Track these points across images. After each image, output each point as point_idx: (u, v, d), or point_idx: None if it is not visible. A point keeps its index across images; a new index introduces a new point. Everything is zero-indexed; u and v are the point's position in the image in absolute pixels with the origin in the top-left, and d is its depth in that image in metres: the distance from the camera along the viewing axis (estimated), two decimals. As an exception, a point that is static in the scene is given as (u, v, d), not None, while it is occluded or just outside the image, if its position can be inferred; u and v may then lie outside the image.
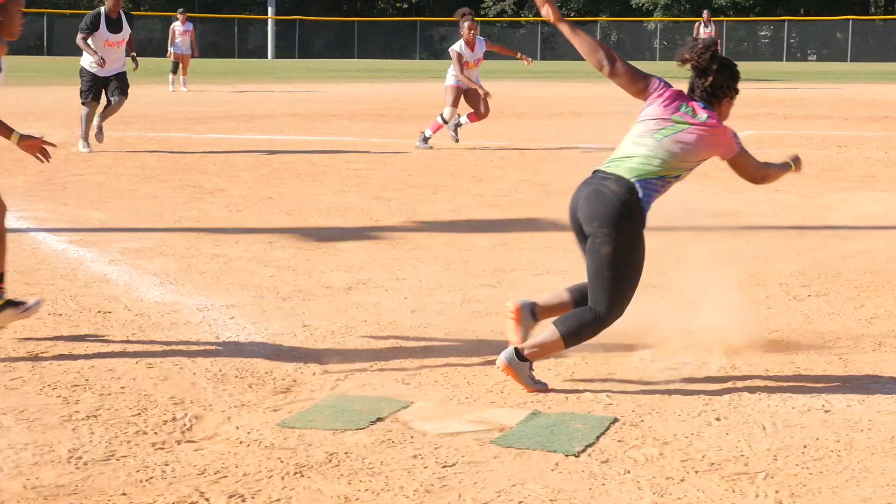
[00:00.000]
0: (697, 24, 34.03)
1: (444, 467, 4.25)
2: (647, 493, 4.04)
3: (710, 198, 11.28)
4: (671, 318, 6.14)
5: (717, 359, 5.68)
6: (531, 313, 5.47)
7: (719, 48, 5.66)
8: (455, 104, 15.77)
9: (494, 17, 75.34)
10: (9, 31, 5.78)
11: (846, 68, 51.24)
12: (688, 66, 5.45)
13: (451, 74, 15.81)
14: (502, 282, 7.50)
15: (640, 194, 5.20)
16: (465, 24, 15.57)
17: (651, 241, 5.35)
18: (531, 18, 68.54)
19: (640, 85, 5.47)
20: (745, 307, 6.65)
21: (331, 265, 7.99)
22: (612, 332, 6.09)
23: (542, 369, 5.44)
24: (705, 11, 35.68)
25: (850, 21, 64.44)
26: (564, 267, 7.77)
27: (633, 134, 5.40)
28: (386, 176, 13.02)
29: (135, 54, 15.61)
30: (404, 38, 73.47)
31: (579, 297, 5.43)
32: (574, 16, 74.31)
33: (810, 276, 7.71)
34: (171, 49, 31.43)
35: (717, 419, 4.83)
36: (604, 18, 72.84)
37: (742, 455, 4.41)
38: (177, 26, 31.56)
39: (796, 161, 5.73)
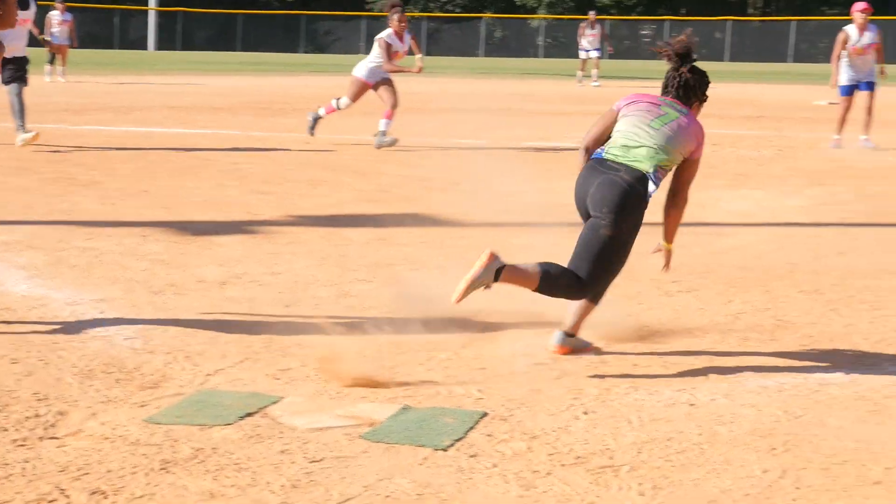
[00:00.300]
0: (583, 24, 34.14)
1: (311, 462, 4.23)
2: (513, 487, 4.07)
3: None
4: (544, 313, 6.20)
5: (588, 353, 5.75)
6: (495, 273, 5.29)
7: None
8: (355, 99, 15.30)
9: (378, 12, 75.18)
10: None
11: (725, 68, 52.08)
12: (665, 59, 5.77)
13: (364, 65, 15.29)
14: (378, 277, 7.50)
15: (650, 184, 5.45)
16: (396, 17, 15.23)
17: (531, 236, 5.40)
18: (416, 14, 68.54)
19: (609, 119, 5.78)
20: (617, 302, 6.72)
21: (205, 259, 7.91)
22: (485, 326, 6.14)
23: (412, 365, 5.46)
24: (591, 12, 35.80)
25: (729, 22, 65.67)
26: (441, 262, 7.80)
27: (628, 125, 5.62)
28: (266, 170, 12.93)
29: (44, 36, 14.77)
30: (289, 32, 72.99)
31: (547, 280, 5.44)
32: (459, 11, 74.58)
33: (682, 272, 7.81)
34: (48, 38, 30.71)
35: (585, 413, 4.89)
36: (488, 15, 73.16)
37: (608, 448, 4.47)
38: (55, 15, 30.78)
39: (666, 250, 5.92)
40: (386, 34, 15.38)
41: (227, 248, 8.31)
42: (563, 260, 5.56)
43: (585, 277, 5.44)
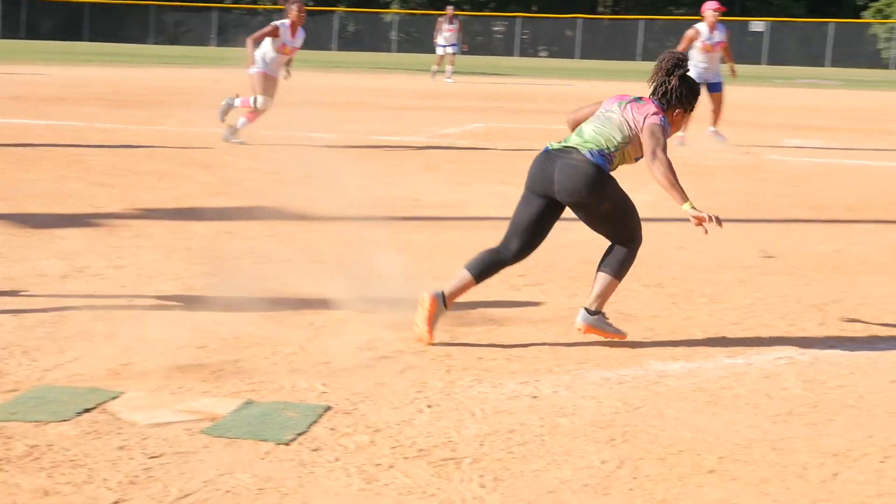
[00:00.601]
0: (441, 19, 34.01)
1: (150, 458, 4.17)
2: (355, 480, 4.06)
3: (435, 188, 11.46)
4: (390, 306, 6.22)
5: (434, 347, 5.77)
6: (443, 302, 5.87)
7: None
8: (267, 92, 14.60)
9: (231, 3, 74.37)
10: None
11: (575, 65, 52.81)
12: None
13: (261, 59, 14.65)
14: (223, 270, 7.41)
15: (601, 162, 5.81)
16: (294, 7, 14.57)
17: (373, 230, 5.39)
18: (268, 6, 67.97)
19: (595, 110, 6.12)
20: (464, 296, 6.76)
21: (46, 252, 7.72)
22: (331, 320, 6.13)
23: (256, 360, 5.42)
24: (449, 7, 35.40)
25: (580, 20, 66.54)
26: (287, 255, 7.75)
27: (593, 118, 6.01)
28: (110, 162, 12.69)
29: None
30: (138, 22, 71.71)
31: (478, 270, 6.02)
32: (312, 5, 74.12)
33: (528, 265, 7.88)
34: None
35: (429, 406, 4.91)
36: (341, 9, 72.90)
37: (450, 441, 4.49)
38: None
39: (699, 215, 5.71)
40: (281, 23, 14.71)
41: (69, 241, 8.13)
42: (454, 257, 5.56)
43: (632, 241, 5.97)
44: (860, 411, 5.07)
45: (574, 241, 8.96)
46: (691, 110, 6.04)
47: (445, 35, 33.10)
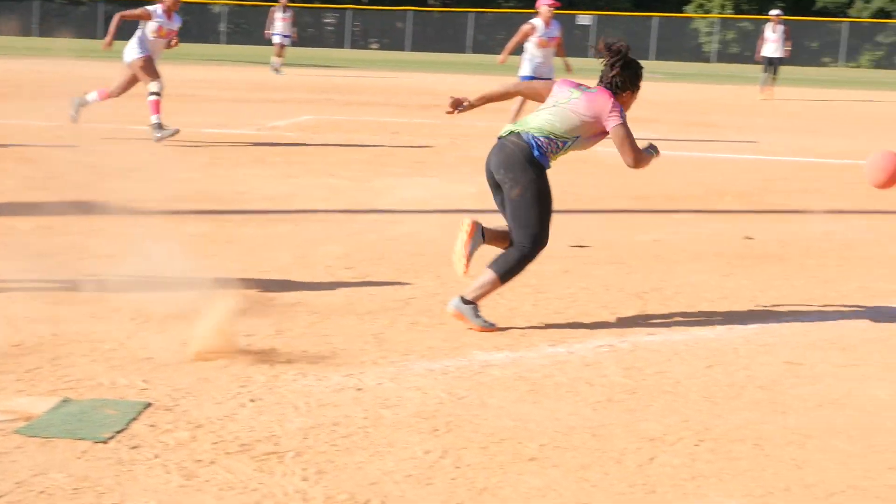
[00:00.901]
0: (273, 8, 33.41)
1: (-39, 461, 4.05)
2: (175, 477, 4.01)
3: (263, 181, 11.37)
4: (207, 303, 6.15)
5: (259, 339, 5.73)
6: (482, 234, 6.18)
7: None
8: (153, 75, 14.08)
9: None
10: None
11: (406, 57, 52.92)
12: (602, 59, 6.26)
13: (135, 45, 14.10)
14: (41, 266, 7.22)
15: (534, 149, 6.06)
16: None
17: (202, 223, 5.31)
18: (93, -3, 66.35)
19: (543, 89, 6.37)
20: (289, 285, 6.73)
21: None
22: (153, 316, 6.03)
23: (74, 357, 5.30)
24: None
25: (410, 12, 66.68)
26: (109, 251, 7.59)
27: (544, 105, 6.24)
28: (-76, 155, 12.25)
29: None
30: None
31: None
32: (139, -5, 72.56)
33: (356, 258, 7.91)
34: None
35: (252, 401, 4.87)
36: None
37: (274, 435, 4.47)
38: None
39: (654, 148, 6.35)
40: (155, 8, 14.22)
41: None
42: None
43: (529, 244, 6.13)
44: (677, 396, 5.20)
45: (404, 233, 9.01)
46: (638, 89, 6.32)
47: (279, 25, 32.61)
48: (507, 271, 6.17)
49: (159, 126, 14.10)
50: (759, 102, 27.03)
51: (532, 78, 16.65)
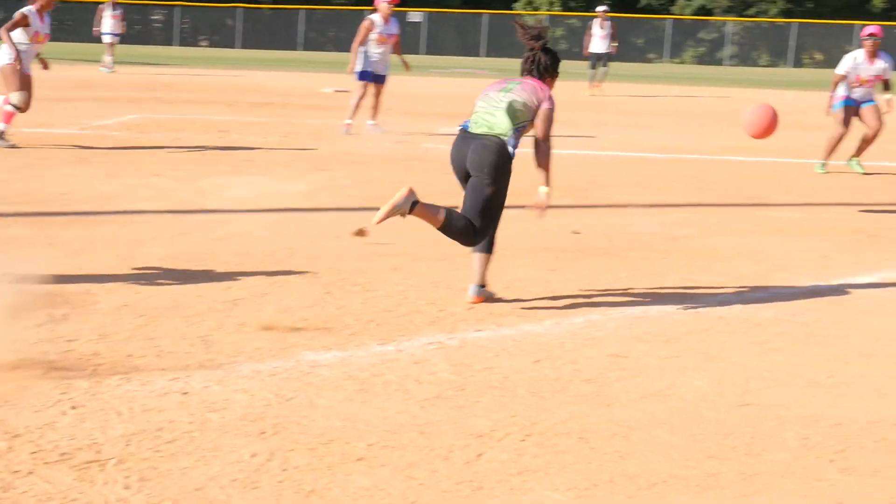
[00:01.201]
0: (101, 6, 32.32)
1: None
2: (-9, 490, 3.89)
3: (86, 182, 11.12)
4: (35, 306, 5.98)
5: (82, 344, 5.59)
6: (412, 204, 6.44)
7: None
8: (22, 86, 13.47)
9: None
10: None
11: (236, 55, 52.33)
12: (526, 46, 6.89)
13: (8, 52, 13.38)
14: None
15: (510, 146, 6.63)
16: None
17: (18, 227, 5.15)
18: None
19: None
20: (117, 290, 6.59)
21: None
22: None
23: None
24: None
25: (240, 9, 66.01)
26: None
27: (486, 103, 6.74)
28: None
29: None
30: None
31: (451, 218, 6.56)
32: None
33: (182, 259, 7.78)
34: None
35: (73, 408, 4.75)
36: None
37: (95, 443, 4.37)
38: None
39: (546, 203, 6.86)
40: (27, 9, 13.58)
41: None
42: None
43: (478, 227, 6.54)
44: (504, 392, 5.24)
45: (231, 232, 8.90)
46: (558, 74, 6.94)
47: (109, 23, 31.80)
48: (450, 225, 6.50)
49: (2, 135, 13.59)
50: (588, 98, 27.48)
51: (367, 73, 16.63)
